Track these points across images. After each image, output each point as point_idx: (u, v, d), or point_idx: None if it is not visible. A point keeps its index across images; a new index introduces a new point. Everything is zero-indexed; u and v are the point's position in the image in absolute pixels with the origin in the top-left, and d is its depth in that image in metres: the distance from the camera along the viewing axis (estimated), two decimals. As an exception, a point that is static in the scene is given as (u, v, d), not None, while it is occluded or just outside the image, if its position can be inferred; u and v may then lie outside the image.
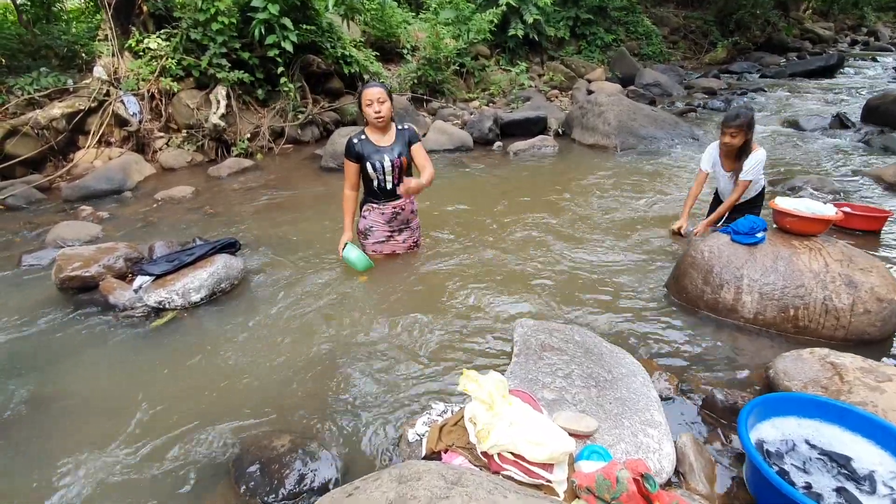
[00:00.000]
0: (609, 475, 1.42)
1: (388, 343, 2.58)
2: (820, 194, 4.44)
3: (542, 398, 1.88)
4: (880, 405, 1.80)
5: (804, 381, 2.01)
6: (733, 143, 3.24)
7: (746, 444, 1.58)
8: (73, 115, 6.07)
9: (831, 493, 1.55)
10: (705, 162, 3.52)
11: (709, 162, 3.50)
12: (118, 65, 6.58)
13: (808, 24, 19.09)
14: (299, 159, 6.72)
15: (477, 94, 9.56)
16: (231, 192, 5.39)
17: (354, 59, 7.83)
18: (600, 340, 2.31)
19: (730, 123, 3.20)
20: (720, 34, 15.63)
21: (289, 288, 3.16)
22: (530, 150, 6.62)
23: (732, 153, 3.32)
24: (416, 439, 1.81)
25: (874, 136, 6.25)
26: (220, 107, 6.62)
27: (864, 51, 17.35)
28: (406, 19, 10.20)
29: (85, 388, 2.37)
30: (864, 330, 2.43)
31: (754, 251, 2.69)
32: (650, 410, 1.86)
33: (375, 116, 2.89)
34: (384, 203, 3.15)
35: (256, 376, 2.38)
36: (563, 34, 12.08)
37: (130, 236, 4.18)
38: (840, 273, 2.50)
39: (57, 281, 3.12)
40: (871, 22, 21.88)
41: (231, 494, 1.76)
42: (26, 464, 1.96)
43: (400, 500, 1.13)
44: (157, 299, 2.94)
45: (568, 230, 3.90)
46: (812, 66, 12.27)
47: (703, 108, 8.93)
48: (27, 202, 5.20)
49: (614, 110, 6.85)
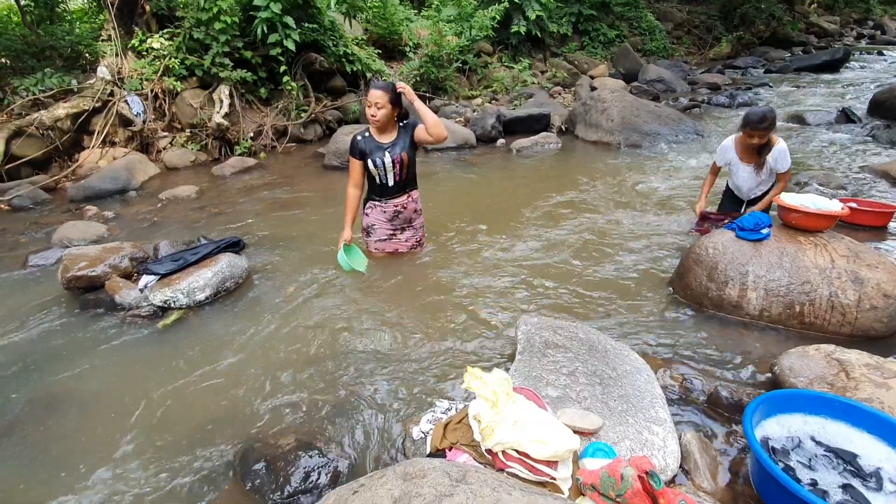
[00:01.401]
0: (614, 472, 1.42)
1: (392, 341, 2.58)
2: (826, 190, 4.41)
3: (547, 395, 1.88)
4: (886, 402, 1.79)
5: (810, 378, 2.00)
6: (755, 143, 3.18)
7: (752, 441, 1.58)
8: (77, 115, 6.10)
9: (837, 489, 1.55)
10: (721, 157, 3.46)
11: (724, 158, 3.44)
12: (122, 65, 6.61)
13: (813, 18, 18.93)
14: (302, 158, 6.74)
15: (480, 92, 9.54)
16: (235, 191, 5.40)
17: (357, 57, 7.83)
18: (604, 337, 2.30)
19: (757, 126, 3.07)
20: (724, 29, 15.52)
21: (293, 286, 3.17)
22: (533, 148, 6.61)
23: (753, 149, 3.27)
24: (421, 437, 1.81)
25: (880, 131, 6.19)
26: (224, 106, 6.64)
27: (870, 45, 17.19)
28: (408, 17, 10.18)
29: (91, 387, 2.39)
30: (871, 326, 2.42)
31: (759, 247, 2.68)
32: (655, 408, 1.86)
33: (371, 118, 2.96)
34: (386, 201, 3.16)
35: (261, 375, 2.39)
36: (565, 30, 12.03)
37: (135, 236, 4.20)
38: (846, 269, 2.48)
39: (63, 280, 3.14)
40: (878, 15, 21.67)
41: (237, 492, 1.78)
42: (34, 463, 1.97)
43: (405, 498, 1.13)
44: (162, 298, 2.95)
45: (571, 227, 3.90)
46: (817, 61, 12.17)
47: (707, 104, 8.88)
48: (33, 202, 5.24)
49: (617, 106, 6.82)
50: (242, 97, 7.03)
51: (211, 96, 6.77)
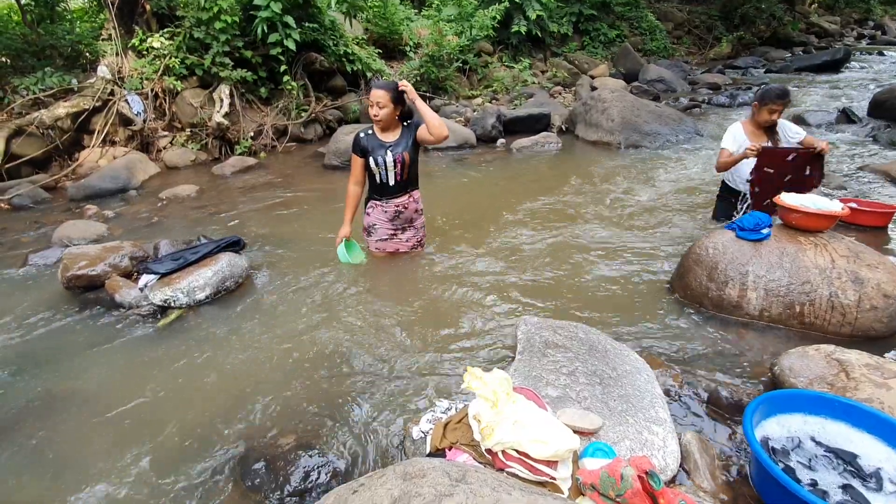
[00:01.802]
0: (614, 472, 1.41)
1: (391, 341, 2.58)
2: (826, 190, 4.41)
3: (546, 395, 1.88)
4: (887, 402, 1.79)
5: (810, 378, 1.99)
6: (775, 119, 3.29)
7: (752, 441, 1.58)
8: (77, 114, 6.10)
9: (837, 490, 1.54)
10: (729, 142, 3.43)
11: (734, 141, 3.42)
12: (122, 64, 6.61)
13: (813, 18, 18.91)
14: (302, 157, 6.74)
15: (480, 92, 9.54)
16: (235, 191, 5.41)
17: (357, 56, 7.83)
18: (604, 337, 2.30)
19: (781, 99, 3.23)
20: (725, 29, 15.51)
21: (293, 286, 3.17)
22: (533, 148, 6.60)
23: (764, 129, 3.37)
24: (421, 437, 1.81)
25: (881, 131, 6.19)
26: (224, 105, 6.64)
27: (870, 45, 17.17)
28: (408, 16, 10.18)
29: (91, 386, 2.39)
30: (871, 326, 2.42)
31: (760, 247, 2.68)
32: (655, 408, 1.86)
33: (373, 117, 2.96)
34: (386, 201, 3.16)
35: (261, 374, 2.39)
36: (566, 30, 12.02)
37: (135, 235, 4.20)
38: (846, 269, 2.48)
39: (63, 280, 3.14)
40: (878, 16, 21.64)
41: (237, 492, 1.78)
42: (33, 461, 1.97)
43: (405, 498, 1.13)
44: (162, 297, 2.95)
45: (571, 227, 3.89)
46: (818, 61, 12.15)
47: (707, 104, 8.88)
48: (33, 201, 5.24)
49: (618, 106, 6.81)
50: (243, 97, 7.03)
51: (211, 96, 6.77)
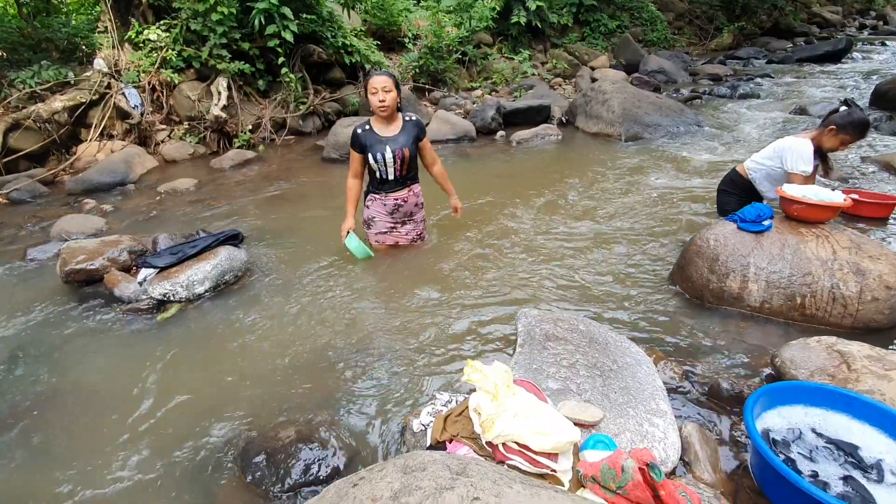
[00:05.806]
0: (614, 464, 1.41)
1: (392, 334, 2.58)
2: (827, 181, 4.38)
3: (547, 388, 1.88)
4: (888, 393, 1.79)
5: (811, 370, 1.99)
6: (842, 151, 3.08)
7: (752, 432, 1.57)
8: (74, 108, 6.06)
9: (838, 481, 1.54)
10: (810, 162, 3.05)
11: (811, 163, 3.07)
12: (118, 57, 6.56)
13: (815, 7, 18.75)
14: (301, 150, 6.70)
15: (479, 83, 9.48)
16: (233, 184, 5.38)
17: (355, 48, 7.76)
18: (605, 330, 2.30)
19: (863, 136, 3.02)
20: (726, 19, 15.38)
21: (292, 279, 3.16)
22: (533, 140, 6.57)
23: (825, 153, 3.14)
24: (421, 429, 1.81)
25: (882, 122, 6.15)
26: (222, 98, 6.59)
27: (872, 35, 17.02)
28: (407, 7, 10.09)
29: (90, 380, 2.39)
30: (872, 318, 2.41)
31: (761, 239, 2.66)
32: (655, 400, 1.85)
33: (379, 105, 2.87)
34: (386, 194, 3.14)
35: (261, 368, 2.38)
36: (566, 21, 11.92)
37: (134, 229, 4.19)
38: (848, 261, 2.47)
39: (62, 274, 3.13)
40: (880, 6, 21.45)
41: (238, 484, 1.78)
42: (33, 455, 1.98)
43: (405, 491, 1.13)
44: (161, 292, 2.94)
45: (571, 220, 3.88)
46: (819, 51, 12.05)
47: (708, 95, 8.81)
48: (31, 196, 5.22)
49: (618, 98, 6.76)
50: (240, 89, 6.98)
51: (209, 88, 6.73)
